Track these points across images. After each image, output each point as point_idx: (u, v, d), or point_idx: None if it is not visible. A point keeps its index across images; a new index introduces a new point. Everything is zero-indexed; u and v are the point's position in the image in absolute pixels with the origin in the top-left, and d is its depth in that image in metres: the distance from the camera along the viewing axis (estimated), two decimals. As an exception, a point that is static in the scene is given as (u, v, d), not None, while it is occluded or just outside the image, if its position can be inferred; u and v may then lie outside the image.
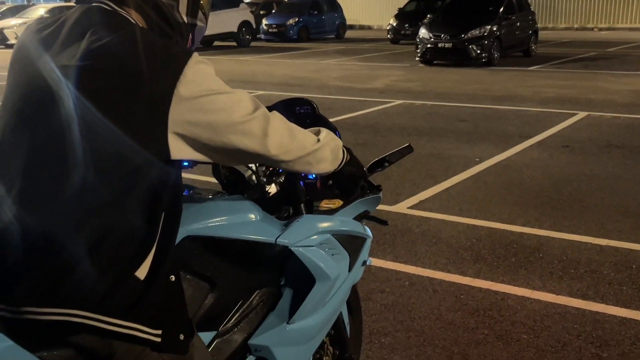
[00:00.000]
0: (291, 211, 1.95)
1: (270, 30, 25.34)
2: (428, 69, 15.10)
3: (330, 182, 2.04)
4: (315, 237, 1.83)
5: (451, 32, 15.16)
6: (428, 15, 17.37)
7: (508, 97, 10.59)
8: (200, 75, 1.33)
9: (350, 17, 33.50)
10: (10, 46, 23.57)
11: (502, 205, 5.17)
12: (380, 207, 4.97)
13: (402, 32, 22.46)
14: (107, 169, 1.29)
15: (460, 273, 3.92)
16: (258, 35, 25.28)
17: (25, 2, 39.18)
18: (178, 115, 1.31)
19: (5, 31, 24.18)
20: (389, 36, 23.20)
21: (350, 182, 1.96)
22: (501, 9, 15.81)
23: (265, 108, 1.48)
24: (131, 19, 1.41)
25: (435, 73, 14.19)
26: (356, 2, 37.58)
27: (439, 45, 15.22)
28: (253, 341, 1.86)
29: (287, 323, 1.87)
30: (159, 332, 1.36)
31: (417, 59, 15.78)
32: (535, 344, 3.11)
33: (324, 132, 1.66)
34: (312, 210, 1.96)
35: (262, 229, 1.75)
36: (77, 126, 1.29)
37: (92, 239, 1.28)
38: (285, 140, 1.49)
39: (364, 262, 2.14)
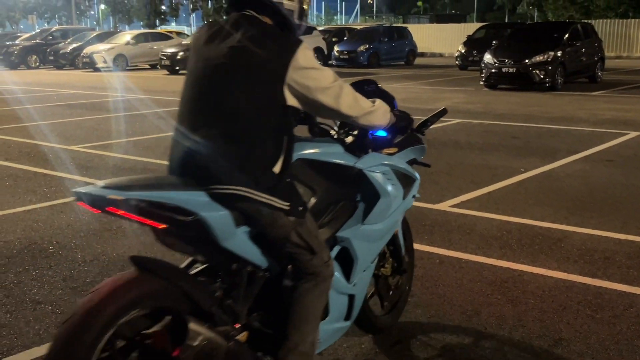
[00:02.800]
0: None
1: (341, 56, 26.28)
2: (491, 92, 15.53)
3: (390, 135, 2.89)
4: (380, 166, 2.76)
5: (515, 57, 15.57)
6: (493, 42, 17.81)
7: (564, 118, 10.96)
8: (304, 55, 2.25)
9: (422, 44, 34.19)
10: (98, 69, 25.34)
11: (536, 206, 5.66)
12: (424, 204, 5.59)
13: (470, 58, 22.92)
14: (254, 108, 2.23)
15: (486, 255, 4.46)
16: (330, 62, 26.23)
17: (112, 29, 41.72)
18: (290, 78, 2.23)
19: (94, 55, 25.97)
20: (457, 62, 23.71)
21: (402, 133, 2.93)
22: (566, 36, 16.13)
23: (342, 81, 2.35)
24: (263, 20, 2.33)
25: (497, 96, 14.62)
26: (428, 30, 38.29)
27: (503, 70, 15.65)
28: (339, 234, 2.68)
29: (361, 224, 2.72)
30: (288, 204, 2.27)
31: (481, 83, 16.25)
32: (539, 307, 3.63)
33: (378, 101, 2.54)
34: None
35: (345, 157, 2.66)
36: (233, 84, 2.23)
37: (251, 148, 2.22)
38: (351, 103, 2.38)
39: (414, 196, 3.07)
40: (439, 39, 36.85)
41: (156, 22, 50.92)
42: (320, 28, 34.56)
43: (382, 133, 2.83)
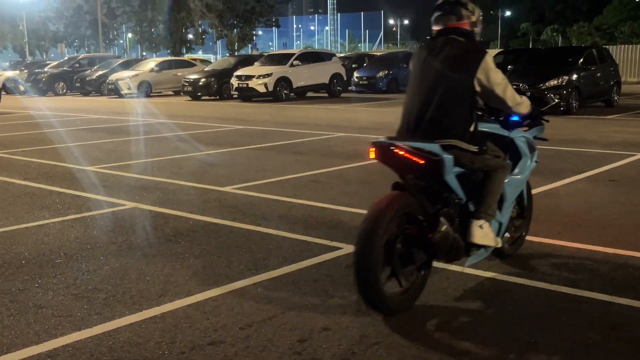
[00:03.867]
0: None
1: (360, 82, 26.58)
2: (506, 116, 15.62)
3: (521, 119, 4.30)
4: (521, 137, 4.38)
5: (530, 81, 15.70)
6: (509, 67, 17.95)
7: (575, 140, 11.03)
8: (487, 61, 3.77)
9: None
10: (123, 96, 25.94)
11: (532, 223, 5.76)
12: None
13: (488, 83, 22.99)
14: (458, 92, 3.79)
15: (473, 267, 4.58)
16: (349, 87, 26.53)
17: (140, 57, 42.63)
18: (478, 74, 3.75)
19: (119, 82, 26.62)
20: (475, 88, 23.82)
21: (532, 119, 4.38)
22: (581, 60, 16.23)
23: (508, 81, 3.88)
24: (460, 40, 3.85)
25: (511, 120, 14.70)
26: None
27: (518, 94, 15.72)
28: None
29: (510, 175, 4.21)
30: (477, 147, 3.79)
31: (496, 107, 16.35)
32: (517, 313, 3.76)
33: (524, 97, 4.07)
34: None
35: (502, 131, 4.26)
36: (447, 78, 3.77)
37: (458, 117, 3.77)
38: (512, 95, 3.90)
39: (536, 161, 4.60)
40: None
41: (182, 50, 51.94)
42: (341, 55, 34.97)
43: (515, 118, 4.22)
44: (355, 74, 26.89)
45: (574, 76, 15.65)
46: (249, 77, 22.62)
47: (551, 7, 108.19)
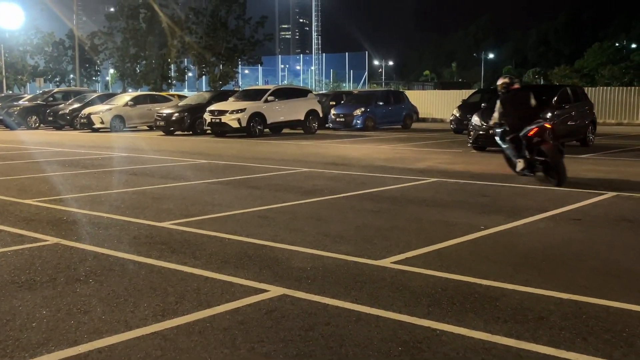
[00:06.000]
0: None
1: (337, 119, 26.26)
2: (478, 154, 15.28)
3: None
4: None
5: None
6: (482, 104, 17.67)
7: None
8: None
9: (424, 110, 34.46)
10: (96, 130, 25.42)
11: (483, 264, 5.28)
12: (364, 260, 5.26)
13: (465, 122, 22.73)
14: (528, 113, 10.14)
15: (410, 314, 4.06)
16: (326, 125, 26.18)
17: (120, 91, 42.14)
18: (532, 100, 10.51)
19: (92, 116, 26.12)
20: (452, 126, 23.59)
21: None
22: (555, 99, 15.96)
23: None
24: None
25: (482, 158, 14.36)
26: (430, 96, 38.65)
27: (490, 131, 15.40)
28: None
29: None
30: None
31: (469, 145, 16.02)
32: (447, 370, 3.23)
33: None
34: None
35: None
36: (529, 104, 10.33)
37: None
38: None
39: None
40: (440, 105, 37.03)
41: (162, 86, 51.61)
42: (320, 92, 34.76)
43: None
44: (332, 111, 26.59)
45: (547, 115, 15.34)
46: (222, 112, 22.20)
47: (534, 50, 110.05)
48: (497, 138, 10.87)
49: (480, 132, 15.58)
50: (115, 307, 4.22)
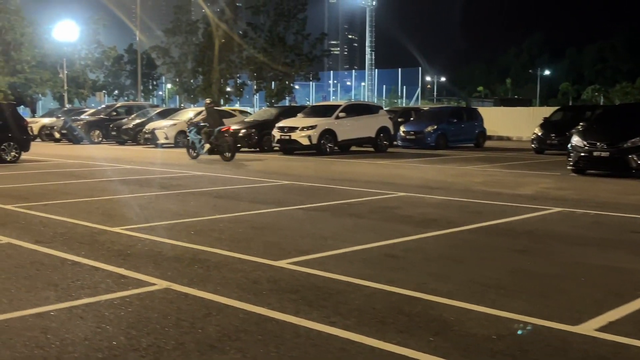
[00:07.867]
0: None
1: (407, 137, 25.14)
2: (581, 178, 13.95)
3: None
4: None
5: (608, 140, 14.05)
6: (581, 123, 16.35)
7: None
8: None
9: (489, 127, 32.96)
10: (160, 146, 24.87)
11: None
12: (559, 325, 4.14)
13: (548, 141, 21.46)
14: None
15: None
16: (395, 142, 25.06)
17: (178, 107, 41.91)
18: None
19: (156, 132, 25.59)
20: (533, 145, 22.23)
21: None
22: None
23: None
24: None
25: (591, 183, 13.04)
26: (494, 113, 37.14)
27: (594, 154, 14.11)
28: None
29: None
30: None
31: (568, 167, 14.70)
32: None
33: None
34: None
35: None
36: None
37: None
38: None
39: None
40: (506, 122, 35.46)
41: (220, 101, 51.32)
42: (386, 109, 33.74)
43: None
44: (402, 128, 25.45)
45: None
46: (292, 129, 21.32)
47: (590, 67, 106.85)
48: None
49: (582, 154, 14.29)
50: (275, 394, 3.22)
